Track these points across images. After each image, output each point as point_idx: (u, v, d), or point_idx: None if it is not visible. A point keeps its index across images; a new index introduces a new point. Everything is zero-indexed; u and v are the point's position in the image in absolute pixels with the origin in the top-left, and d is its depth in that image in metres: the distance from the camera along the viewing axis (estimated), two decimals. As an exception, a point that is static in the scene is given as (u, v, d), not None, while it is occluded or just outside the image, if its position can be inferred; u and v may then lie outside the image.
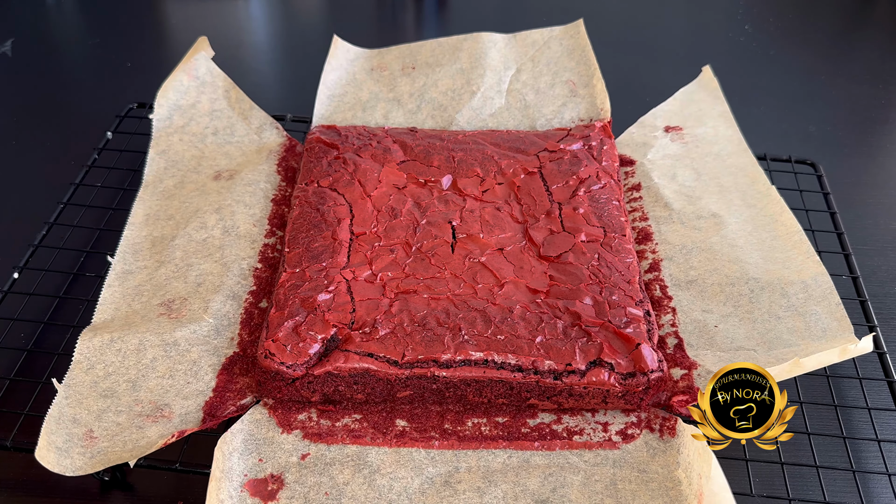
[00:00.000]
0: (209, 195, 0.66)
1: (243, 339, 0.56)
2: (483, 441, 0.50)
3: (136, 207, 0.65)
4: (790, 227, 0.63)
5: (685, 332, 0.56)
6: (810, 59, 0.96)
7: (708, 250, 0.62)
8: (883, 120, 0.87)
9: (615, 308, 0.54)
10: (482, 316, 0.53)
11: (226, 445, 0.48)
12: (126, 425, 0.50)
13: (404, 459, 0.49)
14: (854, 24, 1.06)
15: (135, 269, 0.60)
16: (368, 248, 0.58)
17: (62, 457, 0.47)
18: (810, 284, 0.58)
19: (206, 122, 0.73)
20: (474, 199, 0.63)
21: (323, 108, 0.76)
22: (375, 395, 0.52)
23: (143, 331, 0.54)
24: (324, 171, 0.65)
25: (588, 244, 0.59)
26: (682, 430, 0.50)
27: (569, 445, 0.50)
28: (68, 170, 0.72)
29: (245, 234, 0.63)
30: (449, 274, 0.56)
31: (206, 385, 0.52)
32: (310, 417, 0.51)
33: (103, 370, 0.52)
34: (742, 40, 0.98)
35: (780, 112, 0.87)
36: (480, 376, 0.51)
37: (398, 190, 0.63)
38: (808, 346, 0.54)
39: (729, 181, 0.69)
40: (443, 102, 0.76)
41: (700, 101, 0.77)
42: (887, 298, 0.65)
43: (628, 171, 0.71)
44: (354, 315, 0.52)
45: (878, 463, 0.52)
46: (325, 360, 0.51)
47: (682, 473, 0.48)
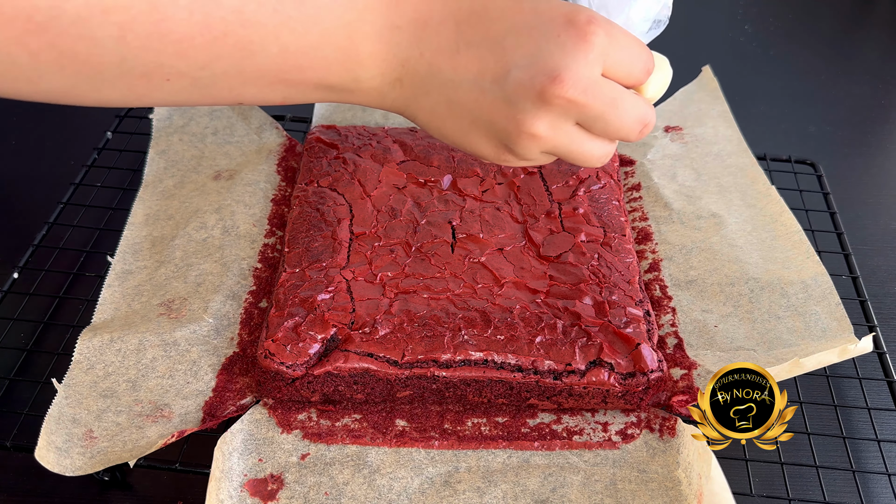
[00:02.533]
0: (209, 195, 0.66)
1: (243, 339, 0.56)
2: (483, 441, 0.50)
3: (136, 207, 0.65)
4: (790, 227, 0.63)
5: (685, 332, 0.56)
6: (810, 59, 0.96)
7: (708, 250, 0.62)
8: (883, 120, 0.87)
9: (615, 308, 0.54)
10: (482, 316, 0.53)
11: (225, 445, 0.48)
12: (126, 425, 0.50)
13: (404, 459, 0.49)
14: (854, 24, 1.06)
15: (135, 269, 0.60)
16: (368, 247, 0.58)
17: (62, 457, 0.47)
18: (810, 284, 0.58)
19: (206, 122, 0.73)
20: (474, 199, 0.63)
21: (323, 108, 0.76)
22: (375, 395, 0.52)
23: (143, 331, 0.54)
24: (323, 170, 0.65)
25: (588, 244, 0.59)
26: (681, 430, 0.50)
27: (569, 445, 0.50)
28: (68, 170, 0.72)
29: (245, 234, 0.63)
30: (449, 274, 0.56)
31: (205, 385, 0.52)
32: (309, 417, 0.51)
33: (103, 370, 0.52)
34: (742, 40, 0.98)
35: (780, 112, 0.87)
36: (480, 376, 0.51)
37: (398, 190, 0.63)
38: (807, 346, 0.54)
39: (729, 181, 0.69)
40: (443, 102, 0.76)
41: (700, 101, 0.77)
42: (887, 298, 0.65)
43: (628, 171, 0.71)
44: (354, 315, 0.52)
45: (878, 463, 0.52)
46: (324, 360, 0.51)
47: (681, 473, 0.48)
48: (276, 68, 0.41)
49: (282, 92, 0.43)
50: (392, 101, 0.45)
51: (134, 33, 0.36)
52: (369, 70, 0.43)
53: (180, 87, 0.40)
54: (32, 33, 0.35)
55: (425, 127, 0.46)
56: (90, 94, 0.39)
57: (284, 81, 0.42)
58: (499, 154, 0.45)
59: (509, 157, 0.45)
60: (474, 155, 0.46)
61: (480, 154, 0.46)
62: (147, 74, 0.39)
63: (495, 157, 0.46)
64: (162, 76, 0.39)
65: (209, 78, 0.40)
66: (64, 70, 0.37)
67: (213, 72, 0.40)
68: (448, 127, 0.45)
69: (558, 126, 0.43)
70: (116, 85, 0.39)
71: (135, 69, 0.38)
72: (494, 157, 0.46)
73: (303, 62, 0.42)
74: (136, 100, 0.41)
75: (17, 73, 0.37)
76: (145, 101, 0.42)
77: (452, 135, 0.46)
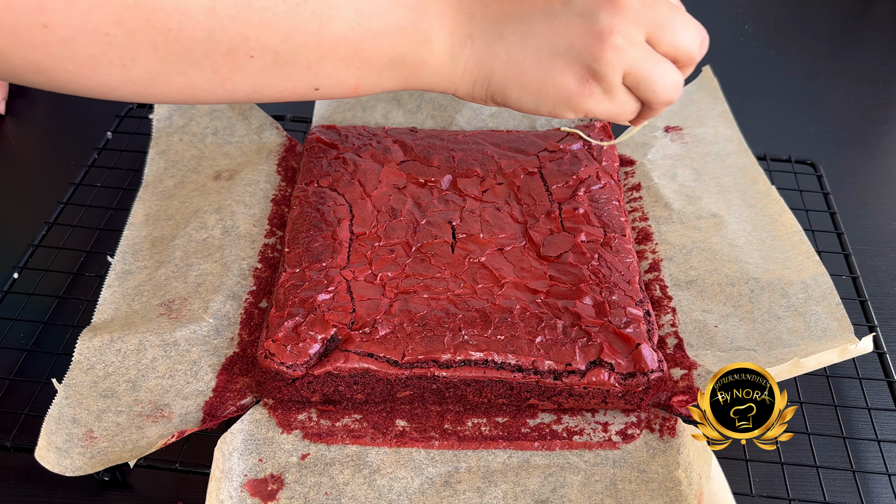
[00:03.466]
0: (209, 195, 0.66)
1: (243, 339, 0.56)
2: (483, 441, 0.50)
3: (136, 207, 0.65)
4: (790, 227, 0.63)
5: (685, 332, 0.56)
6: (810, 59, 0.96)
7: (708, 250, 0.62)
8: (883, 120, 0.87)
9: (615, 308, 0.54)
10: (482, 316, 0.53)
11: (226, 445, 0.48)
12: (126, 425, 0.50)
13: (404, 459, 0.49)
14: (854, 24, 1.06)
15: (135, 269, 0.60)
16: (368, 248, 0.58)
17: (62, 457, 0.47)
18: (810, 284, 0.58)
19: (206, 122, 0.73)
20: (474, 199, 0.63)
21: (323, 108, 0.76)
22: (375, 395, 0.52)
23: (143, 331, 0.54)
24: (324, 170, 0.65)
25: (588, 244, 0.59)
26: (682, 430, 0.50)
27: (569, 445, 0.50)
28: (68, 170, 0.72)
29: (245, 234, 0.63)
30: (449, 274, 0.56)
31: (205, 385, 0.52)
32: (310, 417, 0.51)
33: (103, 370, 0.52)
34: (742, 40, 0.98)
35: (780, 112, 0.86)
36: (480, 376, 0.51)
37: (398, 190, 0.63)
38: (808, 346, 0.54)
39: (729, 181, 0.69)
40: (443, 102, 0.76)
41: (700, 101, 0.77)
42: (887, 298, 0.65)
43: (628, 171, 0.71)
44: (354, 315, 0.52)
45: (878, 463, 0.52)
46: (325, 360, 0.51)
47: (682, 473, 0.48)
48: (353, 35, 0.43)
49: (356, 70, 0.44)
50: (465, 60, 0.46)
51: (223, 3, 0.39)
52: (439, 31, 0.45)
53: (262, 65, 0.42)
54: (130, 10, 0.37)
55: (504, 81, 0.47)
56: (177, 78, 0.41)
57: (359, 54, 0.44)
58: (583, 84, 0.46)
59: (594, 85, 0.46)
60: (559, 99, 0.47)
61: (566, 90, 0.46)
62: (233, 51, 0.40)
63: (580, 91, 0.46)
64: (246, 51, 0.41)
65: (290, 52, 0.42)
66: (156, 49, 0.38)
67: (295, 44, 0.41)
68: (528, 68, 0.46)
69: (632, 36, 0.45)
70: (203, 65, 0.40)
71: (222, 44, 0.40)
72: (579, 92, 0.46)
73: (376, 26, 0.43)
74: (219, 84, 0.42)
75: (114, 55, 0.38)
76: (228, 86, 0.42)
77: (534, 76, 0.46)
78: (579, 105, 0.47)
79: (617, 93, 0.47)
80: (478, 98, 0.49)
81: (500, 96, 0.49)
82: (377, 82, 0.46)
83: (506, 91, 0.47)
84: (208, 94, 0.43)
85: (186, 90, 0.42)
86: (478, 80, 0.48)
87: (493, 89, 0.48)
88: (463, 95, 0.50)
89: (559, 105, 0.48)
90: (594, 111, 0.48)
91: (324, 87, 0.45)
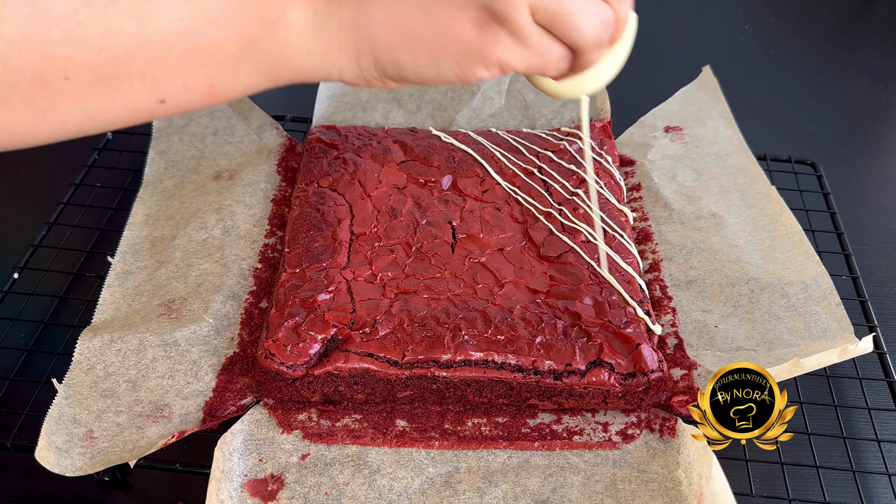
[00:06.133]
0: (209, 195, 0.66)
1: (243, 340, 0.56)
2: (483, 441, 0.50)
3: (136, 207, 0.65)
4: (790, 228, 0.63)
5: (685, 333, 0.56)
6: (810, 59, 0.96)
7: (708, 250, 0.62)
8: (883, 120, 0.87)
9: (615, 308, 0.54)
10: (482, 316, 0.53)
11: (226, 446, 0.48)
12: (126, 425, 0.50)
13: (404, 459, 0.49)
14: (854, 24, 1.06)
15: (135, 270, 0.60)
16: (368, 248, 0.58)
17: (62, 457, 0.47)
18: (810, 285, 0.58)
19: (206, 123, 0.73)
20: (474, 199, 0.63)
21: (323, 108, 0.76)
22: (375, 395, 0.52)
23: (143, 331, 0.54)
24: (324, 171, 0.65)
25: (588, 244, 0.59)
26: (682, 431, 0.50)
27: (569, 445, 0.50)
28: (68, 170, 0.72)
29: (245, 235, 0.63)
30: (449, 274, 0.56)
31: (206, 385, 0.52)
32: (310, 417, 0.51)
33: (103, 370, 0.52)
34: (742, 40, 0.98)
35: (780, 112, 0.87)
36: (480, 376, 0.51)
37: (398, 190, 0.63)
38: (808, 346, 0.54)
39: (729, 181, 0.69)
40: (443, 103, 0.76)
41: (700, 102, 0.77)
42: (887, 298, 0.65)
43: (628, 171, 0.71)
44: (354, 315, 0.52)
45: (878, 463, 0.52)
46: (325, 360, 0.51)
47: (682, 473, 0.48)
48: (185, 28, 0.35)
49: (202, 70, 0.37)
50: (337, 32, 0.38)
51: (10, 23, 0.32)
52: (292, 1, 0.37)
53: (83, 86, 0.34)
54: None
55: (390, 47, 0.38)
56: None
57: (199, 49, 0.36)
58: (483, 30, 0.37)
59: (497, 28, 0.37)
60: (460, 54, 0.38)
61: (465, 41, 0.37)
62: (40, 77, 0.33)
63: (481, 40, 0.37)
64: (57, 74, 0.34)
65: (112, 64, 0.34)
66: None
67: (114, 53, 0.34)
68: (414, 24, 0.37)
69: None
70: (11, 100, 0.34)
71: (23, 72, 0.33)
72: (480, 41, 0.37)
73: (212, 11, 0.35)
74: (40, 117, 0.35)
75: None
76: (52, 117, 0.35)
77: (423, 32, 0.37)
78: (487, 56, 0.38)
79: (529, 35, 0.37)
80: (370, 78, 0.40)
81: (393, 68, 0.39)
82: (236, 80, 0.38)
83: (397, 59, 0.38)
84: (33, 132, 0.36)
85: (1, 132, 0.35)
86: (360, 53, 0.39)
87: (382, 61, 0.39)
88: (352, 79, 0.40)
89: (464, 62, 0.38)
90: (509, 62, 0.38)
91: (170, 96, 0.37)
